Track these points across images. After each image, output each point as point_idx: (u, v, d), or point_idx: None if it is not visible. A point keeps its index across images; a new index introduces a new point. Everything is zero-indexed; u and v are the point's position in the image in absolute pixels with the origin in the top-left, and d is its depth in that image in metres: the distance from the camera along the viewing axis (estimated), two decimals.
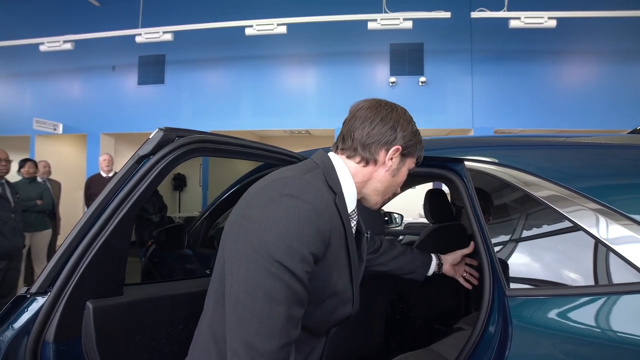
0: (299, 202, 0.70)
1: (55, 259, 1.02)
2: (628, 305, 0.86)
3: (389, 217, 3.89)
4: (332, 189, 0.82)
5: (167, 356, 1.23)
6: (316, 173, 0.82)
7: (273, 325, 0.65)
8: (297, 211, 0.69)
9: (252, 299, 0.66)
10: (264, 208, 0.70)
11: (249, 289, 0.66)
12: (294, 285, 0.67)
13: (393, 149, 0.89)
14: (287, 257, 0.66)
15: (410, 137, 0.91)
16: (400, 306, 2.29)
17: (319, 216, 0.71)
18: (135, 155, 1.11)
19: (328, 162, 0.87)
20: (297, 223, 0.68)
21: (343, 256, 0.81)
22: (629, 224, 0.89)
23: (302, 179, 0.74)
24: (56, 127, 7.70)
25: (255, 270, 0.67)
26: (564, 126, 6.61)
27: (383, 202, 0.98)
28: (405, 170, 0.95)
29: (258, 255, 0.67)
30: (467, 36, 7.03)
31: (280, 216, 0.68)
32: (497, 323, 0.99)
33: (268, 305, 0.65)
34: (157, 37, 6.42)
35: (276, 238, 0.67)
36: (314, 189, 0.73)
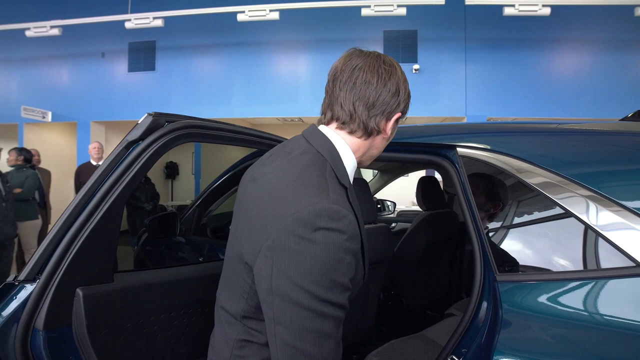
0: (333, 234, 0.65)
1: (43, 246, 1.01)
2: (616, 289, 0.87)
3: (381, 204, 3.90)
4: (343, 185, 0.78)
5: (160, 343, 1.23)
6: (329, 176, 0.75)
7: (327, 358, 0.66)
8: (335, 245, 0.65)
9: (303, 342, 0.65)
10: (298, 247, 0.65)
11: (296, 333, 0.65)
12: (340, 314, 0.67)
13: (395, 117, 0.83)
14: (331, 293, 0.65)
15: (408, 100, 0.85)
16: (392, 292, 2.31)
17: (353, 241, 0.68)
18: (124, 140, 1.09)
19: (333, 152, 0.80)
20: (336, 257, 0.65)
21: (360, 249, 0.78)
22: (619, 210, 0.90)
23: (332, 203, 0.67)
24: (45, 115, 7.58)
25: (303, 314, 0.64)
26: (557, 114, 6.64)
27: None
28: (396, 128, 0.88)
29: (303, 299, 0.64)
30: (461, 23, 6.99)
31: (319, 254, 0.64)
32: (487, 308, 1.00)
33: (319, 343, 0.65)
34: (147, 23, 6.31)
35: (319, 277, 0.64)
36: (345, 212, 0.68)
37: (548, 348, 0.86)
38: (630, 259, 0.85)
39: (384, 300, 2.23)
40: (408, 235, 2.30)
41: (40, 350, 0.99)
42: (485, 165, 1.15)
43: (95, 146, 5.19)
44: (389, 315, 2.34)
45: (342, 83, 0.81)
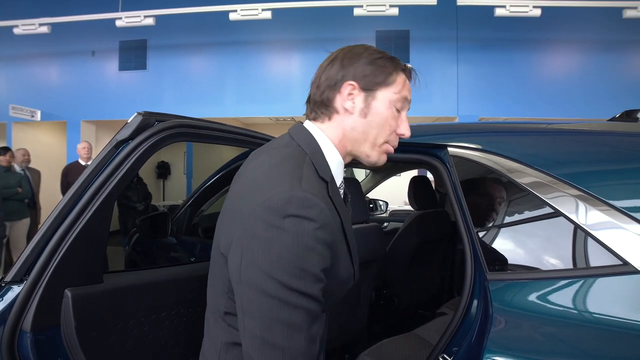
0: (302, 221, 0.64)
1: (31, 246, 0.99)
2: (604, 287, 0.88)
3: (373, 204, 3.91)
4: (323, 179, 0.76)
5: (150, 344, 1.22)
6: (307, 168, 0.74)
7: (297, 352, 0.63)
8: (305, 232, 0.64)
9: (271, 333, 0.63)
10: (267, 235, 0.64)
11: (264, 323, 0.63)
12: (312, 307, 0.65)
13: (345, 87, 0.79)
14: (302, 283, 0.63)
15: (366, 66, 0.79)
16: (384, 292, 2.32)
17: (325, 230, 0.66)
18: (114, 139, 1.08)
19: (313, 145, 0.79)
20: (306, 245, 0.63)
21: (343, 245, 0.77)
22: (607, 210, 0.91)
23: (303, 191, 0.66)
24: (34, 114, 7.48)
25: (271, 304, 0.63)
26: (547, 114, 6.70)
27: (382, 152, 0.84)
28: (385, 104, 0.81)
29: (271, 288, 0.62)
30: (452, 24, 7.03)
31: (288, 242, 0.63)
32: (478, 307, 1.01)
33: (288, 334, 0.63)
34: (138, 22, 6.25)
35: (288, 266, 0.62)
36: (317, 201, 0.66)
37: (538, 346, 0.87)
38: (618, 258, 0.86)
39: (375, 300, 2.23)
40: (400, 235, 2.30)
41: (27, 352, 0.97)
42: (476, 164, 1.15)
43: (84, 146, 5.14)
44: (381, 315, 2.34)
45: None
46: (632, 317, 0.81)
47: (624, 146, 1.08)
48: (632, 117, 1.25)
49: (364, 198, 2.90)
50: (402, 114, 0.84)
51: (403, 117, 0.84)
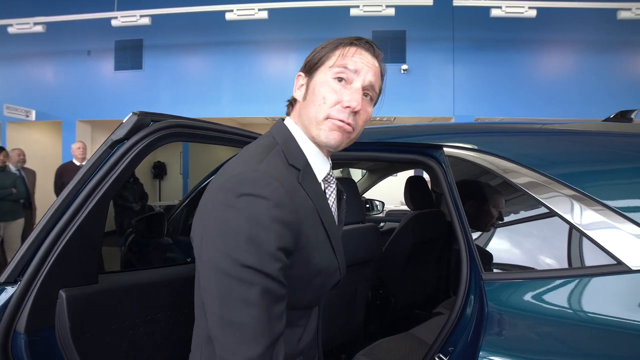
0: (256, 199, 0.65)
1: (25, 247, 0.99)
2: (598, 287, 0.89)
3: (370, 204, 3.91)
4: (295, 167, 0.76)
5: (146, 344, 1.21)
6: (274, 155, 0.75)
7: (255, 330, 0.63)
8: (258, 210, 0.64)
9: (228, 310, 0.64)
10: (222, 214, 0.66)
11: (223, 301, 0.64)
12: (269, 285, 0.64)
13: (296, 79, 0.85)
14: (256, 260, 0.63)
15: (310, 57, 0.82)
16: (380, 292, 2.32)
17: (281, 209, 0.66)
18: (109, 139, 1.07)
19: (287, 135, 0.80)
20: (260, 223, 0.64)
21: (321, 233, 0.77)
22: (602, 210, 0.92)
23: (257, 171, 0.68)
24: (29, 114, 7.43)
25: (227, 281, 0.64)
26: (542, 114, 6.74)
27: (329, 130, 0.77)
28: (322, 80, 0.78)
29: (226, 265, 0.64)
30: (449, 24, 7.05)
31: (242, 220, 0.64)
32: (473, 307, 1.01)
33: (246, 312, 0.63)
34: (134, 21, 6.23)
35: (242, 243, 0.63)
36: (271, 180, 0.67)
37: (533, 345, 0.87)
38: (612, 257, 0.87)
39: (372, 300, 2.23)
40: (396, 235, 2.31)
41: (21, 353, 0.97)
42: (472, 165, 1.16)
43: (79, 146, 5.11)
44: (377, 315, 2.35)
45: None
46: (626, 316, 0.82)
47: (619, 146, 1.09)
48: (626, 117, 1.26)
49: (360, 198, 2.90)
50: (347, 85, 0.78)
51: (349, 88, 0.77)
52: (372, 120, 2.84)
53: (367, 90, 0.79)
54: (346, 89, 0.77)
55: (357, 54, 0.79)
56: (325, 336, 1.85)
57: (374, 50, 0.82)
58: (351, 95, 0.76)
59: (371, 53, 0.81)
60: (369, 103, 0.81)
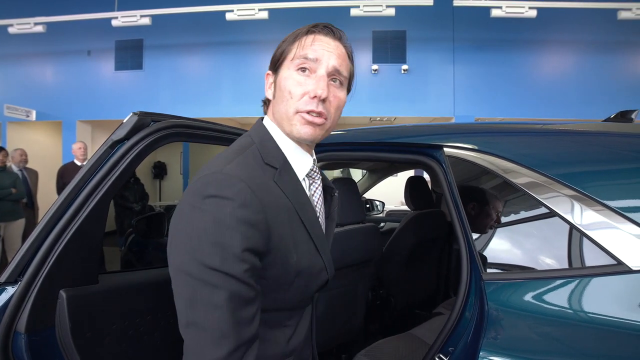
0: (221, 201, 0.64)
1: (25, 247, 0.99)
2: (599, 287, 0.89)
3: (370, 204, 3.91)
4: (271, 166, 0.75)
5: (146, 345, 1.21)
6: (247, 154, 0.74)
7: (219, 333, 0.62)
8: (222, 211, 0.64)
9: (194, 312, 0.63)
10: (189, 216, 0.66)
11: (189, 304, 0.64)
12: (234, 288, 0.63)
13: (266, 79, 0.84)
14: (221, 262, 0.62)
15: (273, 54, 0.82)
16: (380, 292, 2.32)
17: (247, 209, 0.65)
18: (109, 140, 1.08)
19: (264, 134, 0.80)
20: (224, 224, 0.63)
21: (300, 232, 0.75)
22: (602, 210, 0.91)
23: (223, 172, 0.67)
24: (29, 114, 7.44)
25: (192, 284, 0.63)
26: (543, 115, 6.75)
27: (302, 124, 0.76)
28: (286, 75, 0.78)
29: (192, 268, 0.63)
30: (449, 24, 7.05)
31: (207, 222, 0.64)
32: (473, 307, 1.01)
33: (211, 315, 0.62)
34: (134, 21, 6.24)
35: (206, 245, 0.63)
36: (236, 181, 0.66)
37: (533, 346, 0.87)
38: (612, 257, 0.87)
39: (372, 300, 2.23)
40: (396, 235, 2.31)
41: (22, 353, 0.97)
42: (472, 165, 1.16)
43: (80, 146, 5.12)
44: (378, 315, 2.35)
45: None
46: (627, 317, 0.82)
47: (619, 147, 1.09)
48: (626, 117, 1.26)
49: (361, 198, 2.90)
50: (311, 75, 0.76)
51: (313, 77, 0.76)
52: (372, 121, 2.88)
53: (334, 75, 0.77)
54: (310, 79, 0.75)
55: (315, 41, 0.77)
56: (325, 336, 1.86)
57: (334, 33, 0.80)
58: (316, 84, 0.74)
59: (331, 36, 0.79)
60: (338, 88, 0.79)
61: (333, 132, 1.70)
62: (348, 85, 0.83)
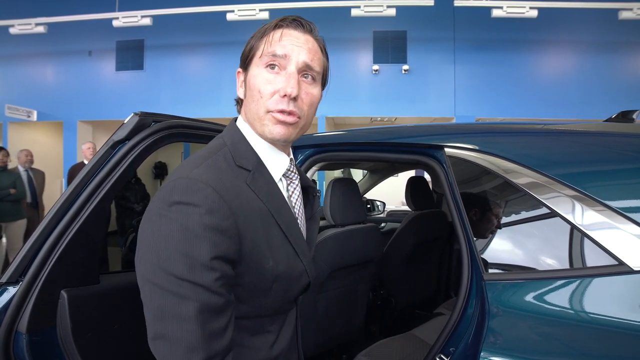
0: (187, 208, 0.61)
1: (27, 247, 0.99)
2: (600, 287, 0.89)
3: (371, 204, 3.91)
4: (244, 168, 0.72)
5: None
6: (218, 157, 0.71)
7: (188, 346, 0.59)
8: (188, 218, 0.61)
9: (162, 325, 0.60)
10: (155, 224, 0.62)
11: (155, 314, 0.61)
12: (204, 298, 0.60)
13: (237, 77, 0.80)
14: (188, 271, 0.59)
15: (243, 51, 0.78)
16: (381, 292, 2.32)
17: (214, 215, 0.62)
18: (110, 140, 1.08)
19: (236, 136, 0.76)
20: (192, 232, 0.60)
21: (276, 236, 0.72)
22: (603, 210, 0.91)
23: (189, 178, 0.64)
24: (30, 114, 7.45)
25: (160, 294, 0.60)
26: (543, 115, 6.74)
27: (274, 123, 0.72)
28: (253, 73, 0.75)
29: (159, 278, 0.60)
30: (449, 24, 7.05)
31: (172, 229, 0.60)
32: (474, 307, 1.01)
33: (178, 327, 0.59)
34: (135, 22, 6.24)
35: (174, 254, 0.60)
36: (202, 186, 0.63)
37: (534, 346, 0.87)
38: (613, 258, 0.87)
39: (373, 300, 2.23)
40: (397, 235, 2.31)
41: (23, 353, 0.97)
42: (473, 165, 1.16)
43: (89, 146, 5.14)
44: (378, 315, 2.35)
45: None
46: (628, 317, 0.82)
47: (620, 147, 1.09)
48: (628, 117, 1.26)
49: (361, 198, 2.90)
50: (281, 72, 0.73)
51: (283, 74, 0.72)
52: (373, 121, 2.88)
53: (305, 71, 0.74)
54: (280, 76, 0.72)
55: (284, 36, 0.73)
56: (325, 336, 1.86)
57: (303, 26, 0.77)
58: (286, 81, 0.71)
59: (300, 30, 0.76)
60: (311, 84, 0.75)
61: (334, 132, 1.70)
62: (323, 80, 0.80)
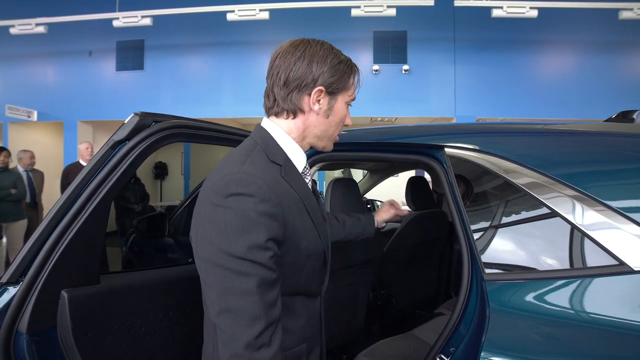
0: (244, 198, 0.72)
1: (27, 247, 0.99)
2: (601, 287, 0.88)
3: (371, 204, 3.91)
4: (276, 163, 0.83)
5: (147, 345, 1.22)
6: (256, 154, 0.82)
7: (252, 315, 0.69)
8: (245, 206, 0.71)
9: (227, 299, 0.70)
10: (214, 214, 0.73)
11: (222, 292, 0.71)
12: (262, 273, 0.71)
13: (315, 93, 0.85)
14: (248, 252, 0.70)
15: (332, 73, 0.85)
16: (381, 292, 2.32)
17: (266, 204, 0.73)
18: (110, 140, 1.08)
19: (265, 135, 0.88)
20: (249, 218, 0.71)
21: (306, 220, 0.84)
22: (603, 210, 0.91)
23: (241, 172, 0.74)
24: (30, 114, 7.45)
25: (223, 274, 0.70)
26: (544, 115, 6.74)
27: (333, 141, 0.96)
28: (342, 105, 0.90)
29: (221, 260, 0.71)
30: (450, 25, 7.05)
31: (232, 217, 0.71)
32: (475, 307, 1.01)
33: (243, 300, 0.69)
34: (135, 22, 6.24)
35: (234, 238, 0.70)
36: (254, 179, 0.73)
37: (534, 346, 0.87)
38: (614, 258, 0.87)
39: (373, 300, 2.23)
40: (397, 235, 2.30)
41: (23, 353, 0.97)
42: (473, 165, 1.16)
43: (86, 146, 5.12)
44: (379, 315, 2.34)
45: (267, 76, 0.89)
46: (629, 317, 0.82)
47: (620, 147, 1.09)
48: (628, 117, 1.26)
49: (361, 198, 2.90)
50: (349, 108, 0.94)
51: (349, 110, 0.94)
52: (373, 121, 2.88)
53: None
54: (349, 111, 0.93)
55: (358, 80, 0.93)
56: (326, 336, 1.85)
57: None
58: (349, 116, 0.93)
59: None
60: None
61: None
62: None
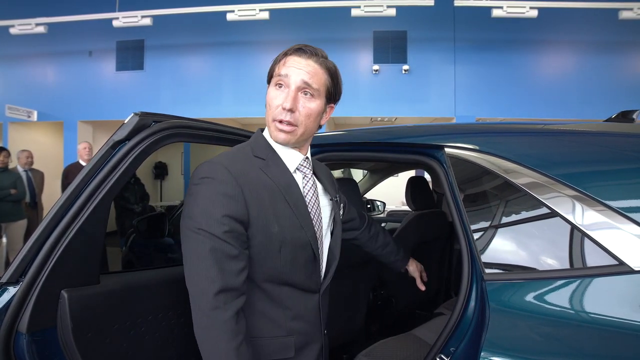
0: (209, 180, 0.87)
1: (27, 247, 0.99)
2: (601, 287, 0.89)
3: (371, 204, 3.91)
4: (259, 157, 0.95)
5: (147, 345, 1.21)
6: (238, 150, 0.97)
7: (207, 275, 0.82)
8: (209, 187, 0.86)
9: (189, 261, 0.85)
10: (189, 193, 0.89)
11: (188, 255, 0.86)
12: (215, 243, 0.83)
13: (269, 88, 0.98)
14: (205, 223, 0.84)
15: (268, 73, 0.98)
16: (381, 292, 2.32)
17: (225, 185, 0.86)
18: (110, 140, 1.08)
19: (259, 136, 1.00)
20: (209, 196, 0.86)
21: (283, 208, 0.93)
22: (603, 210, 0.91)
23: (212, 162, 0.89)
24: (30, 114, 7.45)
25: (189, 240, 0.86)
26: (544, 115, 6.74)
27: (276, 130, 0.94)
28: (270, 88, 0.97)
29: (188, 229, 0.86)
30: (450, 25, 7.05)
31: (200, 194, 0.87)
32: (475, 307, 1.01)
33: (201, 260, 0.83)
34: (135, 22, 6.24)
35: (198, 211, 0.85)
36: (219, 166, 0.88)
37: (534, 346, 0.87)
38: (613, 258, 0.87)
39: (373, 300, 2.23)
40: (397, 235, 2.30)
41: (23, 353, 0.97)
42: (473, 165, 1.16)
43: (85, 146, 5.12)
44: (379, 315, 2.34)
45: None
46: (629, 317, 0.82)
47: (620, 147, 1.09)
48: (628, 117, 1.26)
49: (362, 198, 2.90)
50: (284, 90, 0.93)
51: (284, 91, 0.93)
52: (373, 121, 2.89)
53: (304, 88, 0.93)
54: (283, 93, 0.93)
55: (289, 60, 0.94)
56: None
57: (305, 52, 0.95)
58: (285, 97, 0.92)
59: (304, 56, 0.94)
60: (309, 99, 0.94)
61: (334, 133, 1.70)
62: (329, 95, 0.98)
